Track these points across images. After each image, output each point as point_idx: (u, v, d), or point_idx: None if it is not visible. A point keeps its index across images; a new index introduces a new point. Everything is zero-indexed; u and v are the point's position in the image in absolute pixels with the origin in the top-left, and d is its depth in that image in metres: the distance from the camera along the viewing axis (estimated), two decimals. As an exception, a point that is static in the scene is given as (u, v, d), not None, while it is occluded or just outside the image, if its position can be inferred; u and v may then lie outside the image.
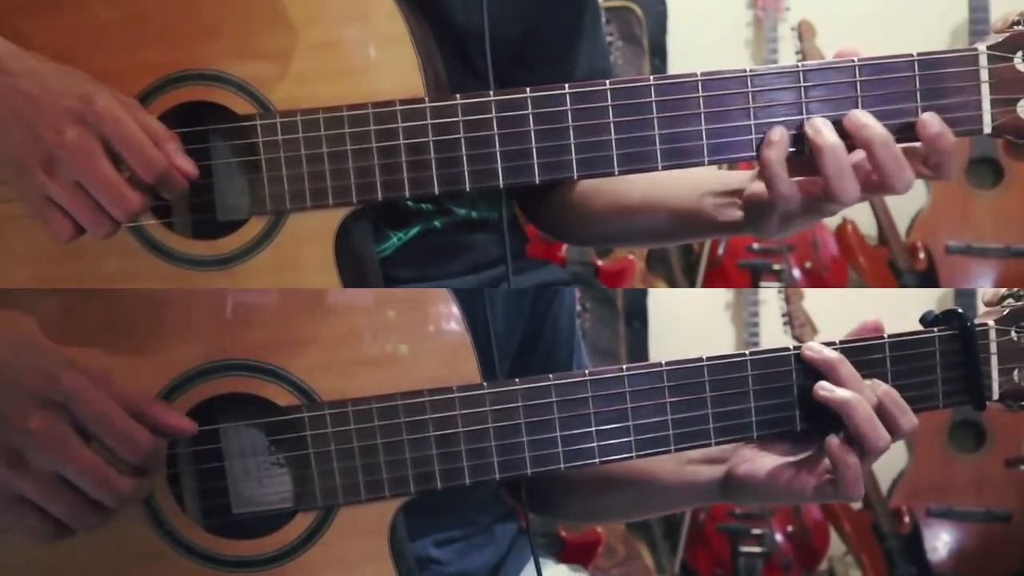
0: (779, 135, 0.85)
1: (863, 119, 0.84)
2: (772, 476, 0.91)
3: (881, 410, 0.86)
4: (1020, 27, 0.85)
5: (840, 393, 0.86)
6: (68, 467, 0.75)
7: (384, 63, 0.87)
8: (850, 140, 0.85)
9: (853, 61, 0.85)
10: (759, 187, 0.89)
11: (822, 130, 0.84)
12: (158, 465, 0.81)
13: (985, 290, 0.95)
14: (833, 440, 0.86)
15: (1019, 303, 0.91)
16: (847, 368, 0.87)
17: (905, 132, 0.85)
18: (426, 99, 0.86)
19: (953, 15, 2.62)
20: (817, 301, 2.66)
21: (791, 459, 0.91)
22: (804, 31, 2.76)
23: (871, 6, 2.58)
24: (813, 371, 0.88)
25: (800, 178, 0.86)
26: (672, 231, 1.03)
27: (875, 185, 0.85)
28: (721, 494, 0.96)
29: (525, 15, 1.02)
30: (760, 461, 0.92)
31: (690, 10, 2.90)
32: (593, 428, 0.87)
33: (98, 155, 0.79)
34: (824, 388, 0.87)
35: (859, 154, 0.85)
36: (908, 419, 0.87)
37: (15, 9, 0.86)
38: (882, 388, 0.87)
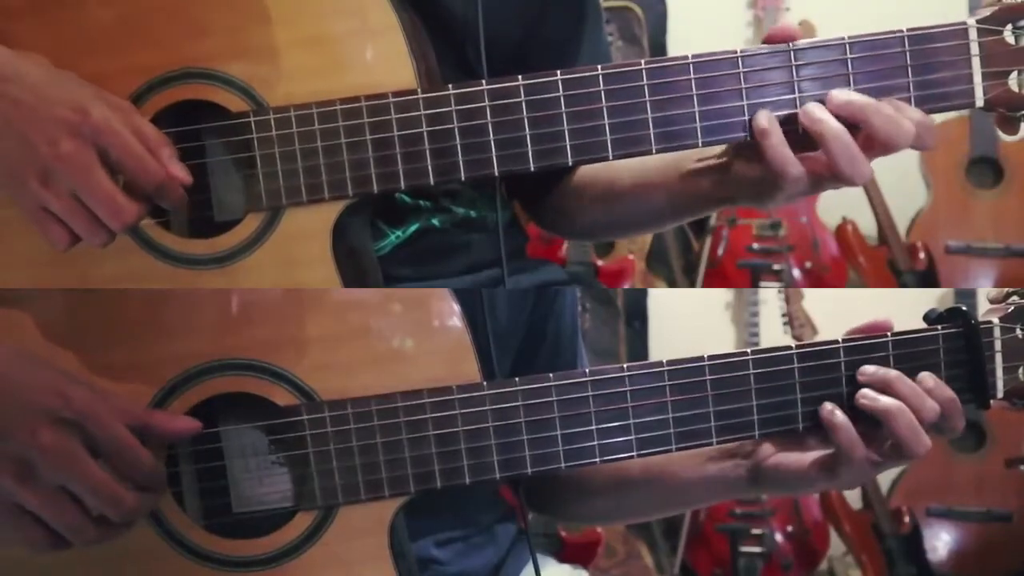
0: (767, 121, 0.84)
1: (819, 112, 0.84)
2: (794, 464, 0.91)
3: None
4: (1009, 0, 0.85)
5: (882, 403, 0.86)
6: (78, 482, 0.76)
7: (376, 56, 0.86)
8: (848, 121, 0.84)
9: (843, 39, 0.86)
10: (747, 169, 0.88)
11: (822, 118, 0.84)
12: (161, 485, 0.81)
13: (989, 289, 0.95)
14: (825, 406, 0.86)
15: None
16: (906, 384, 0.87)
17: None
18: (419, 90, 0.85)
19: (953, 14, 2.62)
20: (817, 301, 2.66)
21: (811, 447, 0.91)
22: (804, 31, 2.76)
23: (871, 6, 2.58)
24: (814, 368, 0.88)
25: (807, 156, 0.85)
26: (667, 212, 1.02)
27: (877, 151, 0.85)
28: (749, 487, 0.95)
29: (525, 16, 1.02)
30: (786, 454, 0.92)
31: (690, 10, 2.90)
32: (594, 427, 0.86)
33: (94, 167, 0.78)
34: (866, 396, 0.87)
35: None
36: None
37: (6, 11, 0.86)
38: (894, 374, 0.87)
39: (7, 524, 0.77)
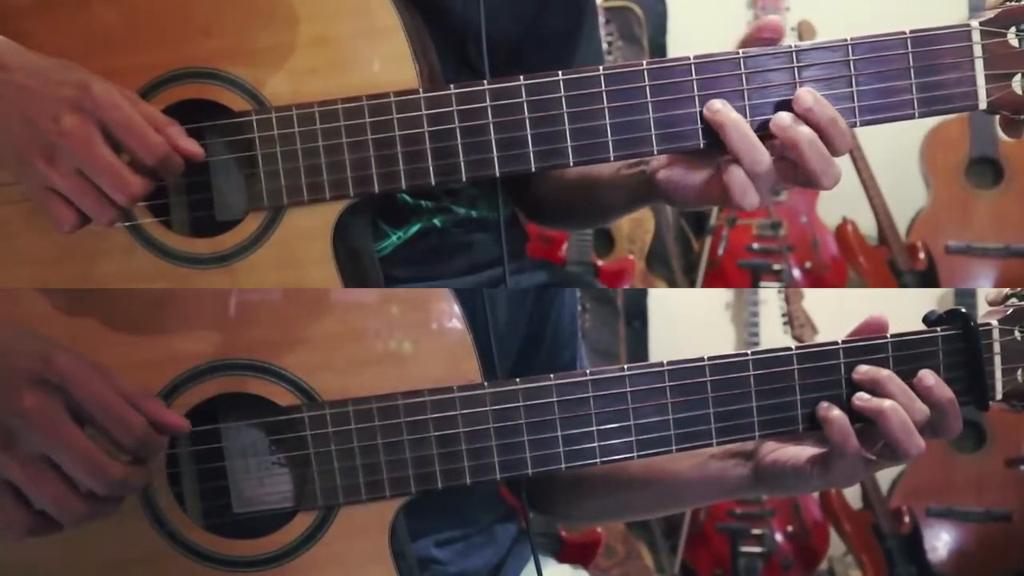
0: (836, 414, 0.86)
1: (787, 119, 0.83)
2: (790, 460, 0.91)
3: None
4: (1013, 2, 0.85)
5: (876, 404, 0.86)
6: (60, 448, 0.74)
7: (378, 56, 0.87)
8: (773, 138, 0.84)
9: (846, 40, 0.85)
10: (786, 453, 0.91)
11: (721, 110, 0.84)
12: (153, 454, 0.79)
13: (988, 290, 0.95)
14: (822, 404, 0.87)
15: (1023, 303, 0.91)
16: (896, 384, 0.87)
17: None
18: (420, 90, 0.86)
19: (953, 14, 2.63)
20: (817, 301, 2.66)
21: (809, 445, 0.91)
22: (804, 31, 2.77)
23: (871, 6, 2.58)
24: (815, 369, 0.88)
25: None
26: (615, 206, 1.06)
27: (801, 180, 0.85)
28: (751, 487, 0.95)
29: (524, 15, 1.02)
30: (783, 450, 0.92)
31: (690, 10, 2.90)
32: (594, 428, 0.86)
33: (97, 141, 0.78)
34: (861, 399, 0.87)
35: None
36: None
37: (12, 10, 0.86)
38: (884, 373, 0.87)
39: None
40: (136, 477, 0.78)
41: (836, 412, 0.86)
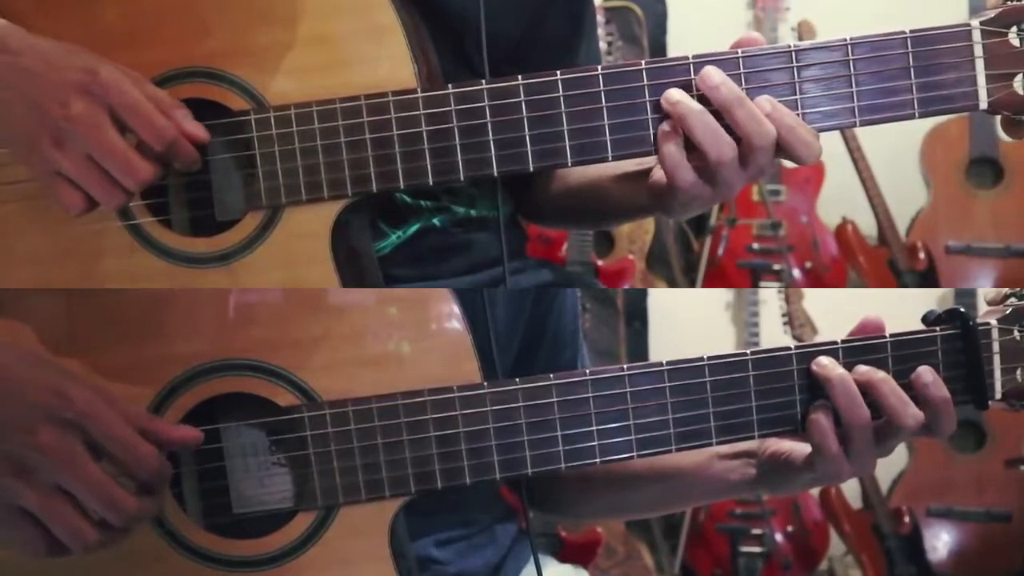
0: (668, 125, 0.84)
1: (715, 79, 0.83)
2: (784, 456, 0.91)
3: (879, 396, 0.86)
4: (1013, 1, 0.85)
5: (828, 370, 0.86)
6: (76, 483, 0.75)
7: (376, 55, 0.87)
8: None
9: (846, 40, 0.85)
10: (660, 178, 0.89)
11: (679, 99, 0.83)
12: (164, 484, 0.81)
13: (988, 289, 0.95)
14: (814, 404, 0.87)
15: (1022, 302, 0.91)
16: (889, 385, 0.87)
17: None
18: (418, 89, 0.86)
19: (953, 14, 2.63)
20: (817, 301, 2.66)
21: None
22: (804, 31, 2.77)
23: (871, 6, 2.58)
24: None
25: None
26: (610, 212, 1.07)
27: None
28: (754, 484, 0.96)
29: (523, 15, 1.02)
30: (781, 443, 0.92)
31: (690, 10, 2.90)
32: (594, 428, 0.86)
33: (106, 125, 0.79)
34: (818, 364, 0.87)
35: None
36: (912, 412, 0.87)
37: (14, 10, 0.86)
38: (880, 375, 0.87)
39: (7, 526, 0.77)
40: (149, 508, 0.79)
41: (817, 415, 0.87)
